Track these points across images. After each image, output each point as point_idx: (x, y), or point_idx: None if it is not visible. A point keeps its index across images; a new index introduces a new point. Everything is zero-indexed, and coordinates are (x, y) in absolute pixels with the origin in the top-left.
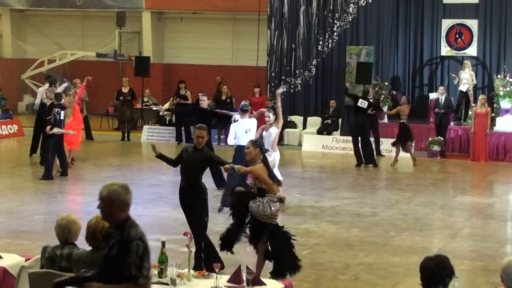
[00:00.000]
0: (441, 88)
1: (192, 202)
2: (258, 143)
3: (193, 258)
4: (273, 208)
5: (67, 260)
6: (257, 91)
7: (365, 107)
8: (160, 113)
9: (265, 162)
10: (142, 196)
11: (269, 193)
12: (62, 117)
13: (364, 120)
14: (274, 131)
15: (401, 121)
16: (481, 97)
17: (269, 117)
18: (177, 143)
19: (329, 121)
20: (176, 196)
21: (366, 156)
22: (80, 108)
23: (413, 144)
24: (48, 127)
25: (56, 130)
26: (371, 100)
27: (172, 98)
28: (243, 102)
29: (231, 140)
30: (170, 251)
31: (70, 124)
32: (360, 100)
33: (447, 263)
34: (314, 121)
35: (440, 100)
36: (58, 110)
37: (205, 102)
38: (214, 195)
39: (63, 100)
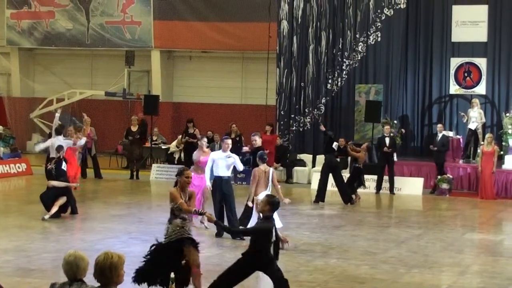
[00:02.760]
0: (439, 126)
1: None
2: None
3: None
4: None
5: None
6: (269, 129)
7: (336, 148)
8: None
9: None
10: (151, 233)
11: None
12: (64, 167)
13: (335, 160)
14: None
15: (357, 165)
16: (488, 135)
17: (255, 140)
18: None
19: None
20: None
21: (343, 195)
22: (89, 147)
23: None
24: (48, 182)
25: (56, 183)
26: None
27: (180, 136)
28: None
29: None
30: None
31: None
32: (335, 143)
33: None
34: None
35: (437, 137)
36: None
37: (257, 141)
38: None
39: (64, 149)
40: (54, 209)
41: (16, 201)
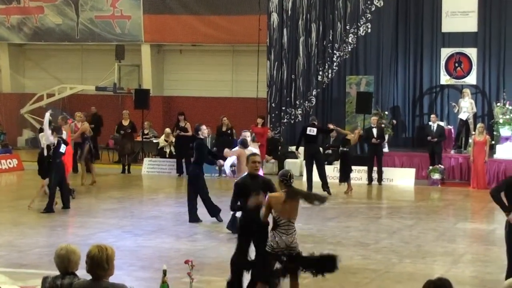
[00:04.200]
0: (433, 116)
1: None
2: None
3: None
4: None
5: None
6: (260, 122)
7: (314, 134)
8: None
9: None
10: (143, 227)
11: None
12: (62, 150)
13: (316, 148)
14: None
15: (345, 149)
16: (479, 125)
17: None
18: (178, 175)
19: (330, 151)
20: (177, 228)
21: (323, 183)
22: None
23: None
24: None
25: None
26: (317, 125)
27: (169, 130)
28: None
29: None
30: (172, 280)
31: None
32: (308, 128)
33: (448, 286)
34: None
35: (432, 128)
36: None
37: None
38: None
39: (64, 132)
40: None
41: (7, 196)
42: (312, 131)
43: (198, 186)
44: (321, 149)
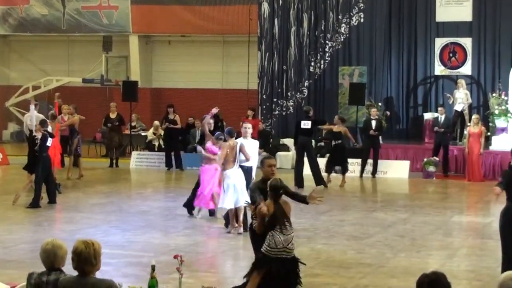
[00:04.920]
0: (440, 109)
1: None
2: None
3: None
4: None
5: (54, 287)
6: (251, 114)
7: (308, 127)
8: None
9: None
10: (131, 223)
11: None
12: (49, 144)
13: (308, 141)
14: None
15: (338, 142)
16: (474, 116)
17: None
18: (167, 169)
19: (322, 143)
20: (166, 223)
21: (315, 177)
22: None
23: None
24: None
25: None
26: (311, 117)
27: (158, 122)
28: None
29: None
30: (160, 276)
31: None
32: (302, 122)
33: (443, 280)
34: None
35: (439, 119)
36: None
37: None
38: None
39: (49, 126)
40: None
41: None
42: (306, 124)
43: None
44: (313, 141)
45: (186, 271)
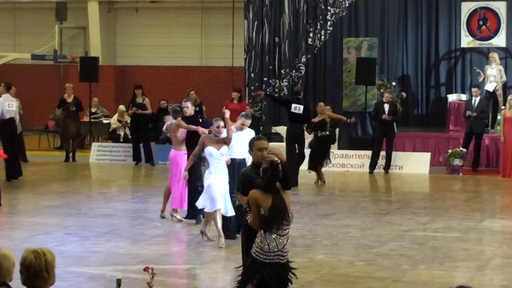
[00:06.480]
0: (474, 89)
1: None
2: None
3: None
4: None
5: None
6: (236, 96)
7: (300, 112)
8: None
9: None
10: (91, 228)
11: None
12: None
13: (300, 129)
14: None
15: (325, 133)
16: (510, 97)
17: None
18: (135, 164)
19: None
20: (134, 228)
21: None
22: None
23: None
24: None
25: None
26: (304, 104)
27: (123, 107)
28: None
29: None
30: None
31: None
32: (293, 105)
33: None
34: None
35: (473, 102)
36: None
37: (189, 109)
38: None
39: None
40: None
41: None
42: (298, 109)
43: None
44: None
45: (158, 286)
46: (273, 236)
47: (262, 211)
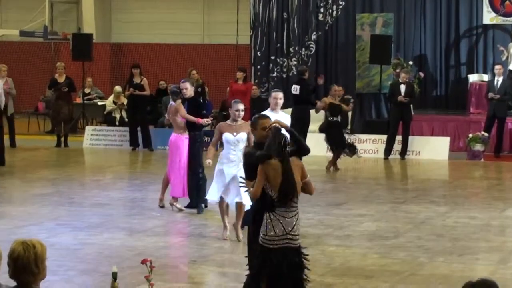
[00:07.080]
0: (498, 67)
1: None
2: None
3: None
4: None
5: None
6: (241, 76)
7: (297, 93)
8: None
9: None
10: (85, 219)
11: None
12: None
13: (304, 111)
14: None
15: (335, 119)
16: None
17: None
18: (132, 149)
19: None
20: (131, 219)
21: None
22: (6, 103)
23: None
24: None
25: None
26: (303, 81)
27: (119, 88)
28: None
29: None
30: (124, 286)
31: None
32: (293, 86)
33: None
34: (316, 116)
35: (496, 82)
36: None
37: (188, 90)
38: None
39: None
40: None
41: None
42: (295, 89)
43: None
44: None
45: (157, 281)
46: (279, 218)
47: (270, 191)
